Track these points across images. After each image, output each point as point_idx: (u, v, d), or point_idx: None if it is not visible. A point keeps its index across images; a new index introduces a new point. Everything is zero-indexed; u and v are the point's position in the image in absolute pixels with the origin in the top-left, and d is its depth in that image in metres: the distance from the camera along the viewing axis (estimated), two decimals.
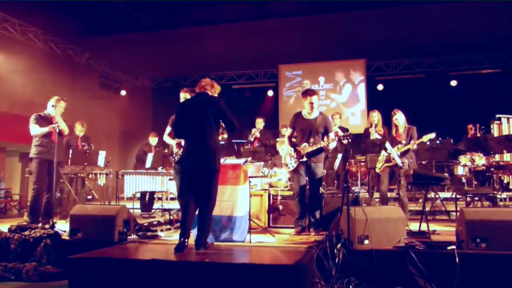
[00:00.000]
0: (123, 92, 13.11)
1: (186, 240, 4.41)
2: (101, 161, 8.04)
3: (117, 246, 4.79)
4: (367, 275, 4.08)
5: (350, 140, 5.77)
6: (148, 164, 8.25)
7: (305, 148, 5.63)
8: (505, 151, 6.68)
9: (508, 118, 8.28)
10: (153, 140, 9.14)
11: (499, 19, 9.73)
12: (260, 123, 9.39)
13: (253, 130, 9.34)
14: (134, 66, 13.17)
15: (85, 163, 7.76)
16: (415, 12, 10.14)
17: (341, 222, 4.55)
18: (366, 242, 4.32)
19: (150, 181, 7.78)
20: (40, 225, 6.00)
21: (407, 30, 10.57)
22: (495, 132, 8.28)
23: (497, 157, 7.58)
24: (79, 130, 8.33)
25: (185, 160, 4.61)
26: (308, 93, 5.75)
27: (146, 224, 6.10)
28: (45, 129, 6.36)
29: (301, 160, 5.65)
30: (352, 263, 4.07)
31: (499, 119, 8.28)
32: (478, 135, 8.89)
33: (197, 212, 4.58)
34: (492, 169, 7.08)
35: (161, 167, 8.05)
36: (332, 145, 5.71)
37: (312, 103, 5.67)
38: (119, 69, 13.07)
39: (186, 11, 10.76)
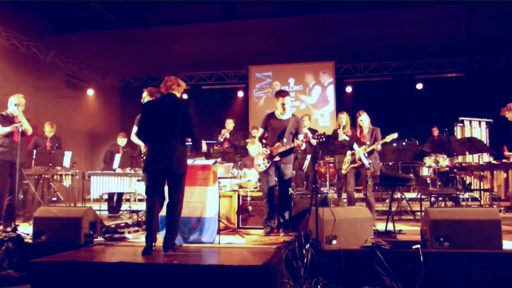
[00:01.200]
0: (90, 92, 12.84)
1: (153, 244, 4.36)
2: (66, 162, 7.86)
3: (82, 249, 4.69)
4: (335, 274, 4.13)
5: (323, 140, 5.83)
6: (116, 165, 8.09)
7: (279, 147, 5.66)
8: (467, 153, 6.89)
9: (470, 121, 8.57)
10: (121, 141, 8.98)
11: (462, 25, 10.04)
12: (230, 124, 9.39)
13: (223, 131, 9.33)
14: (102, 65, 12.92)
15: (50, 164, 7.58)
16: (383, 16, 10.36)
17: (310, 223, 4.59)
18: (334, 242, 4.37)
19: (117, 182, 7.63)
20: (1, 228, 5.81)
21: (375, 34, 10.77)
22: (458, 134, 8.55)
23: (460, 159, 7.82)
24: (48, 130, 8.11)
25: (151, 163, 4.48)
26: (280, 94, 5.78)
27: (113, 226, 5.99)
28: (7, 129, 6.17)
29: (272, 160, 5.68)
30: (320, 263, 4.11)
31: (462, 121, 8.55)
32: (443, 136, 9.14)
33: (164, 214, 4.54)
34: (455, 170, 7.30)
35: (129, 168, 7.92)
36: (304, 145, 5.76)
37: (284, 104, 5.71)
38: (86, 68, 12.79)
39: (155, 10, 10.66)
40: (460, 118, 8.58)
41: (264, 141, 5.93)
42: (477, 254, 4.07)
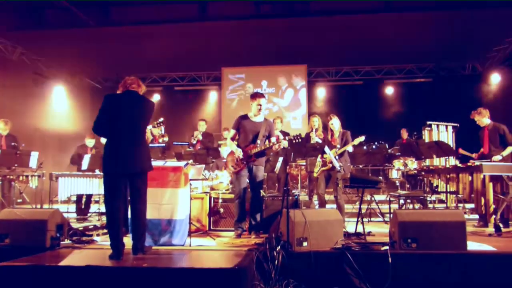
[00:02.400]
0: (59, 90, 12.53)
1: (121, 249, 4.21)
2: (33, 162, 7.65)
3: (48, 253, 4.56)
4: (305, 276, 4.15)
5: (299, 141, 5.87)
6: (84, 166, 7.93)
7: (253, 148, 5.68)
8: (434, 156, 7.05)
9: (437, 125, 8.78)
10: (89, 142, 8.80)
11: (430, 32, 10.29)
12: (202, 125, 9.35)
13: (195, 132, 9.29)
14: (71, 63, 12.62)
15: (16, 165, 7.37)
16: (355, 21, 10.50)
17: (281, 225, 4.61)
18: (305, 244, 4.40)
19: (86, 184, 7.51)
20: None
21: (346, 39, 10.92)
22: (426, 138, 8.75)
23: (427, 162, 8.01)
24: (2, 128, 7.88)
25: (111, 161, 4.26)
26: (257, 95, 5.83)
27: (81, 228, 5.88)
28: None
29: (245, 161, 5.69)
30: (291, 265, 4.13)
31: (430, 125, 8.76)
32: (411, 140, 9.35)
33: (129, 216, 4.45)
34: (423, 173, 7.47)
35: (98, 169, 7.78)
36: (283, 143, 5.80)
37: (260, 105, 5.76)
38: (55, 66, 12.49)
39: (128, 9, 10.50)
40: (428, 122, 8.79)
41: (235, 142, 5.93)
42: (443, 255, 4.16)
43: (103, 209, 7.57)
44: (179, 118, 12.48)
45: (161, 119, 5.12)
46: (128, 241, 4.46)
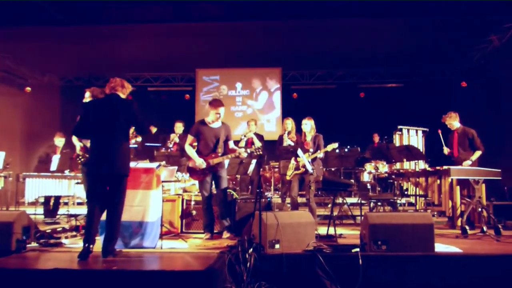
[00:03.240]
0: (28, 89, 12.22)
1: (91, 246, 4.21)
2: None
3: (14, 256, 4.46)
4: (277, 278, 4.16)
5: (260, 153, 5.91)
6: (53, 166, 7.76)
7: (215, 158, 5.67)
8: (405, 160, 7.20)
9: (408, 129, 8.96)
10: (59, 141, 8.59)
11: (402, 38, 10.50)
12: (179, 127, 9.21)
13: (172, 135, 9.14)
14: (41, 62, 12.33)
15: None
16: (328, 26, 10.62)
17: (253, 227, 4.62)
18: (277, 246, 4.42)
19: (55, 185, 7.35)
20: None
21: (320, 43, 11.02)
22: (396, 142, 8.91)
23: (398, 165, 8.16)
24: None
25: (93, 164, 4.38)
26: (217, 104, 5.79)
27: (49, 231, 5.74)
28: None
29: (208, 171, 5.67)
30: (263, 267, 4.14)
31: (401, 130, 8.93)
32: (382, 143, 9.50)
33: (104, 218, 4.41)
34: (394, 176, 7.61)
35: (68, 170, 7.63)
36: (244, 154, 5.83)
37: (219, 114, 5.74)
38: (24, 64, 12.17)
39: (101, 8, 10.33)
40: (399, 127, 8.96)
41: (194, 146, 5.91)
42: (412, 256, 4.25)
43: (72, 211, 7.45)
44: (152, 119, 12.32)
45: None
46: (98, 243, 4.39)
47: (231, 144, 5.84)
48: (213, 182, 5.81)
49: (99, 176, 4.36)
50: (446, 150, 7.11)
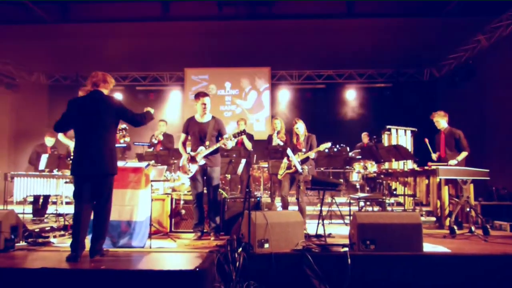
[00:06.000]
0: (15, 88, 12.06)
1: (80, 253, 4.15)
2: None
3: (1, 255, 4.41)
4: (266, 278, 4.16)
5: (243, 135, 5.88)
6: (42, 166, 7.66)
7: (202, 151, 5.62)
8: (393, 160, 7.22)
9: (397, 129, 9.00)
10: (48, 141, 8.53)
11: (390, 38, 10.57)
12: (162, 126, 9.22)
13: (156, 132, 9.15)
14: (28, 61, 12.20)
15: None
16: (317, 26, 10.67)
17: (242, 226, 4.61)
18: (266, 245, 4.42)
19: (43, 184, 7.26)
20: None
21: (309, 43, 11.07)
22: (385, 141, 8.95)
23: (386, 165, 8.19)
24: None
25: (78, 163, 4.29)
26: (200, 94, 5.79)
27: (38, 230, 5.69)
28: None
29: (198, 165, 5.63)
30: (252, 266, 4.13)
31: (389, 130, 8.96)
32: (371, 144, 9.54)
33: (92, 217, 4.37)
34: (382, 176, 7.64)
35: (56, 169, 7.55)
36: (229, 144, 5.76)
37: (204, 104, 5.72)
38: (11, 63, 12.02)
39: (89, 6, 10.26)
40: (388, 126, 9.00)
41: (188, 144, 5.89)
42: (400, 256, 4.27)
43: (60, 210, 7.38)
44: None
45: (124, 126, 5.11)
46: (86, 242, 4.35)
47: (225, 137, 5.75)
48: (204, 181, 5.76)
49: (84, 177, 4.29)
50: (434, 156, 7.14)
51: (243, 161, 7.91)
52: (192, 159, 5.65)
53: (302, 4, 9.90)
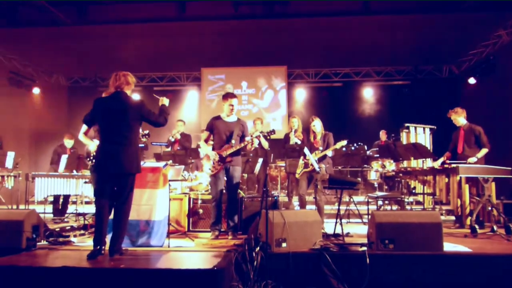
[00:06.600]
0: (36, 90, 12.32)
1: (103, 248, 4.24)
2: (9, 162, 7.54)
3: (24, 254, 4.49)
4: (284, 277, 4.15)
5: (271, 136, 5.92)
6: (62, 166, 7.81)
7: (227, 149, 5.67)
8: (412, 158, 7.15)
9: (415, 127, 8.90)
10: (68, 142, 8.68)
11: (408, 35, 10.44)
12: (180, 125, 9.29)
13: (174, 131, 9.22)
14: (48, 63, 12.41)
15: None
16: (334, 23, 10.60)
17: (260, 226, 4.61)
18: (284, 245, 4.41)
19: (63, 184, 7.41)
20: None
21: (326, 41, 11.00)
22: (403, 139, 8.86)
23: (405, 163, 8.11)
24: None
25: (102, 162, 4.37)
26: (229, 95, 5.86)
27: (58, 229, 5.79)
28: None
29: (221, 163, 5.67)
30: (270, 266, 4.12)
31: (408, 127, 8.87)
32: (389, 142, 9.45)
33: (111, 217, 4.43)
34: (401, 174, 7.56)
35: (75, 169, 7.68)
36: (256, 142, 5.81)
37: (232, 105, 5.77)
38: (32, 66, 12.25)
39: (106, 8, 10.38)
40: (406, 124, 8.91)
41: (210, 143, 5.93)
42: (419, 255, 4.22)
43: (80, 210, 7.50)
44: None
45: (147, 132, 5.34)
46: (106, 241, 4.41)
47: (247, 138, 5.80)
48: (225, 180, 5.81)
49: (107, 175, 4.37)
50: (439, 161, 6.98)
51: (260, 160, 7.91)
52: (219, 158, 5.69)
53: (317, 2, 9.84)
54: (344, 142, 6.39)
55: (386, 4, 9.77)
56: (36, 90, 12.35)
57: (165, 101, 4.90)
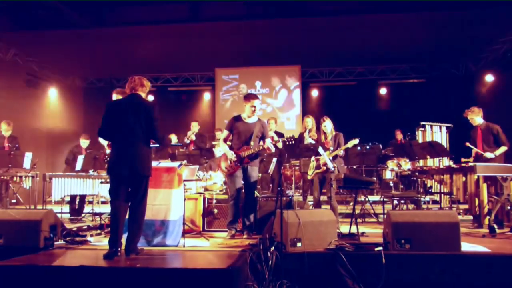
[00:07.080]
0: (52, 91, 12.50)
1: (119, 249, 4.28)
2: (27, 163, 7.64)
3: (42, 253, 4.55)
4: (299, 277, 4.14)
5: (292, 142, 5.91)
6: (78, 166, 7.91)
7: (246, 150, 5.68)
8: (428, 157, 7.07)
9: (431, 126, 8.80)
10: (83, 142, 8.79)
11: (423, 33, 10.33)
12: (195, 126, 9.34)
13: (189, 132, 9.28)
14: (64, 64, 12.56)
15: (10, 165, 7.36)
16: (347, 22, 10.53)
17: (275, 225, 4.60)
18: (299, 244, 4.40)
19: (80, 184, 7.49)
20: None
21: (339, 39, 10.94)
22: (419, 138, 8.77)
23: (421, 162, 8.03)
24: (5, 129, 7.90)
25: (114, 164, 4.40)
26: (251, 97, 5.85)
27: (75, 229, 5.86)
28: None
29: (239, 163, 5.68)
30: (285, 265, 4.12)
31: (423, 126, 8.77)
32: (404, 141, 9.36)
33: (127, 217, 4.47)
34: (417, 173, 7.48)
35: (92, 169, 7.76)
36: (273, 147, 5.82)
37: (254, 107, 5.77)
38: (48, 67, 12.42)
39: (120, 10, 10.48)
40: (422, 123, 8.81)
41: (229, 142, 5.94)
42: (436, 256, 4.16)
43: (97, 209, 7.57)
44: (172, 119, 12.42)
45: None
46: (122, 242, 4.45)
47: (267, 142, 5.80)
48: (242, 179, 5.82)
49: (120, 177, 4.40)
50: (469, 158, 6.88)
51: (274, 160, 7.91)
52: (237, 158, 5.71)
53: (330, 1, 9.81)
54: (356, 141, 6.33)
55: (400, 3, 9.67)
56: (52, 92, 12.55)
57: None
